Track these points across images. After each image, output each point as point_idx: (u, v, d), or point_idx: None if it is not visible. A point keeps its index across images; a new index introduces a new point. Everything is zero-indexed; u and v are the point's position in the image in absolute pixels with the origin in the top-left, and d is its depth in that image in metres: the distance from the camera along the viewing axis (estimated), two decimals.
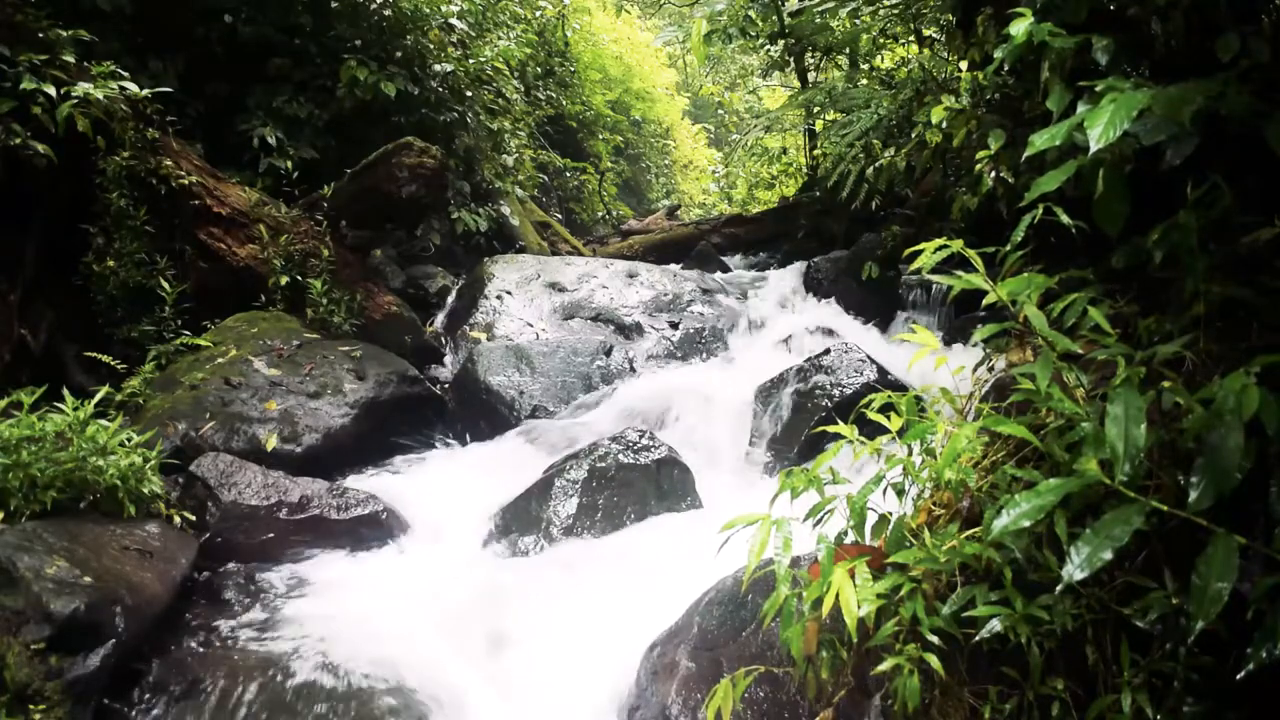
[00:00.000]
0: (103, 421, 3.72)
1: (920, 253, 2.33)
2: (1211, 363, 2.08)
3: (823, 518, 2.37)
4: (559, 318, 7.05)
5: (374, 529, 4.28)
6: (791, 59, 10.79)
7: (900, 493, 2.33)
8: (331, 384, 5.31)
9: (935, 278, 2.47)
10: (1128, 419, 1.77)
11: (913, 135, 6.12)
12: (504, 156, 9.54)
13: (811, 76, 11.14)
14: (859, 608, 2.02)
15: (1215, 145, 2.26)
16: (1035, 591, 1.95)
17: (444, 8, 8.48)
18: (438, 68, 8.31)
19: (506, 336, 6.71)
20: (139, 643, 3.09)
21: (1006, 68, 3.75)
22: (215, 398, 4.91)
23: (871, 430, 2.42)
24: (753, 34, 10.35)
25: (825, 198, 8.99)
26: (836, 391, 4.98)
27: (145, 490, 3.69)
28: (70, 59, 5.19)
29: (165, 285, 5.42)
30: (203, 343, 5.37)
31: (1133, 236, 2.40)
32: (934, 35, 8.39)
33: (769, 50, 11.03)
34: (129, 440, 3.77)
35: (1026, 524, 1.80)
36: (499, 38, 10.07)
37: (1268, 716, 1.74)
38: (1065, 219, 2.21)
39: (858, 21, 9.30)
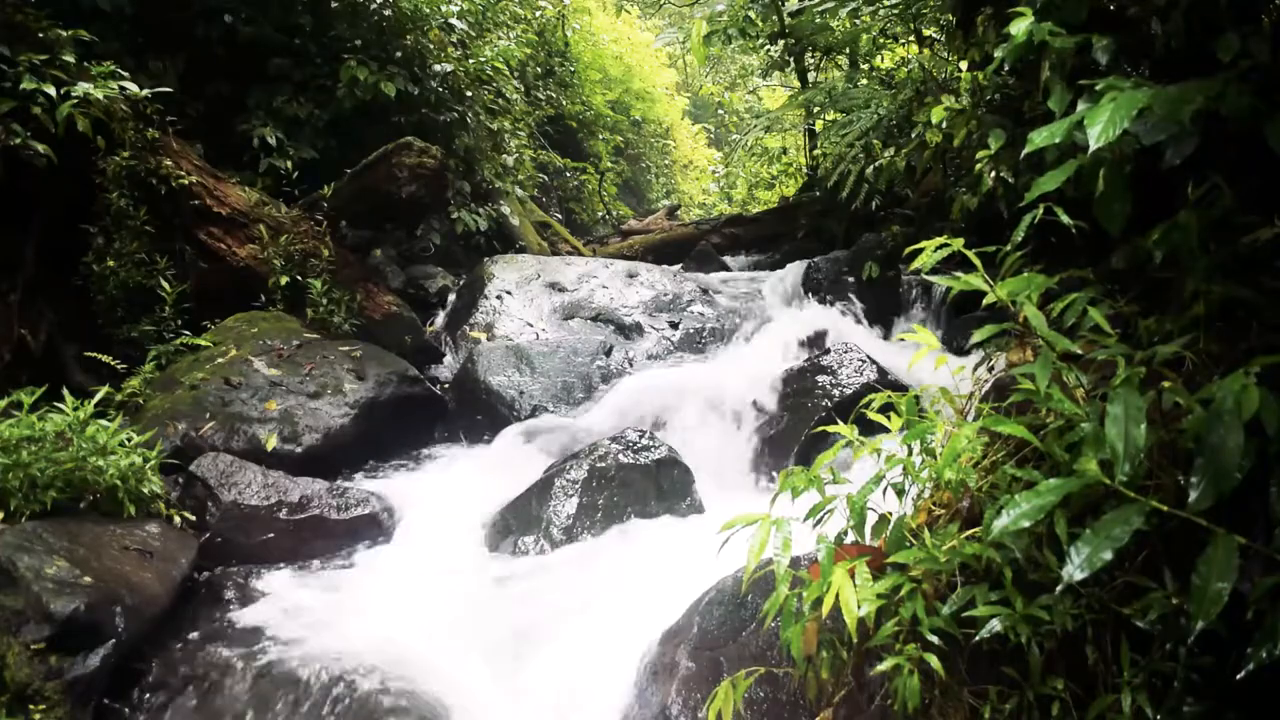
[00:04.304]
0: (103, 421, 3.72)
1: (920, 252, 2.33)
2: (1211, 363, 2.08)
3: (823, 518, 2.37)
4: (559, 318, 7.05)
5: (374, 529, 4.29)
6: (791, 59, 10.78)
7: (900, 493, 2.33)
8: (331, 384, 5.31)
9: (935, 278, 2.47)
10: (1128, 419, 1.77)
11: (913, 135, 6.12)
12: (504, 156, 9.54)
13: (811, 76, 11.13)
14: (859, 608, 2.02)
15: (1215, 145, 2.25)
16: (1035, 591, 1.95)
17: (444, 8, 8.48)
18: (438, 68, 8.30)
19: (506, 336, 6.71)
20: (139, 643, 3.09)
21: (1006, 68, 3.76)
22: (215, 398, 4.91)
23: (872, 430, 2.42)
24: (753, 34, 10.33)
25: (825, 198, 8.98)
26: (836, 391, 4.98)
27: (145, 490, 3.70)
28: (70, 59, 5.19)
29: (165, 285, 5.42)
30: (203, 343, 5.37)
31: (1133, 236, 2.40)
32: (934, 35, 8.38)
33: (769, 50, 11.01)
34: (129, 440, 3.77)
35: (1026, 524, 1.80)
36: (499, 38, 10.06)
37: (1268, 716, 1.74)
38: (1065, 219, 2.21)
39: (858, 21, 9.29)
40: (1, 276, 5.08)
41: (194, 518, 3.93)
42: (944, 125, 4.57)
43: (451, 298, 7.70)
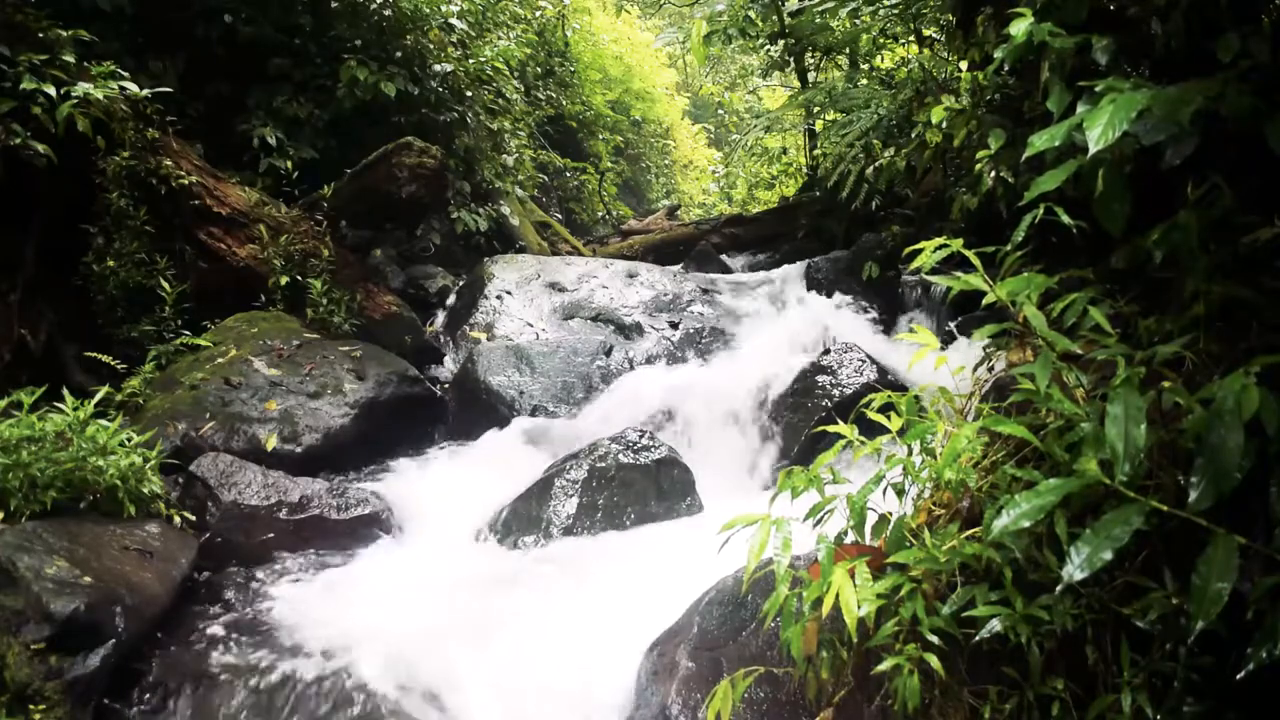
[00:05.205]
0: (103, 421, 3.72)
1: (920, 252, 2.33)
2: (1211, 363, 2.08)
3: (823, 518, 2.37)
4: (559, 318, 7.05)
5: (374, 529, 4.28)
6: (791, 59, 10.78)
7: (900, 493, 2.33)
8: (331, 384, 5.31)
9: (935, 278, 2.47)
10: (1128, 419, 1.77)
11: (913, 135, 6.12)
12: (504, 156, 9.54)
13: (811, 76, 11.13)
14: (859, 608, 2.02)
15: (1215, 145, 2.26)
16: (1035, 591, 1.95)
17: (444, 8, 8.47)
18: (438, 68, 8.30)
19: (506, 336, 6.71)
20: (139, 643, 3.09)
21: (1006, 68, 3.76)
22: (215, 398, 4.91)
23: (872, 430, 2.42)
24: (753, 34, 10.33)
25: (825, 198, 8.98)
26: (836, 391, 4.98)
27: (145, 490, 3.69)
28: (70, 59, 5.19)
29: (165, 285, 5.42)
30: (203, 343, 5.37)
31: (1133, 236, 2.40)
32: (934, 35, 8.38)
33: (769, 50, 11.02)
34: (129, 440, 3.77)
35: (1026, 524, 1.80)
36: (499, 38, 10.06)
37: (1268, 716, 1.74)
38: (1065, 219, 2.21)
39: (858, 21, 9.29)
40: (1, 276, 5.08)
41: (194, 518, 3.92)
42: (944, 125, 4.57)
43: (451, 298, 7.70)
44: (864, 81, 8.72)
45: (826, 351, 5.31)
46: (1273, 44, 2.31)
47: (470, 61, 8.82)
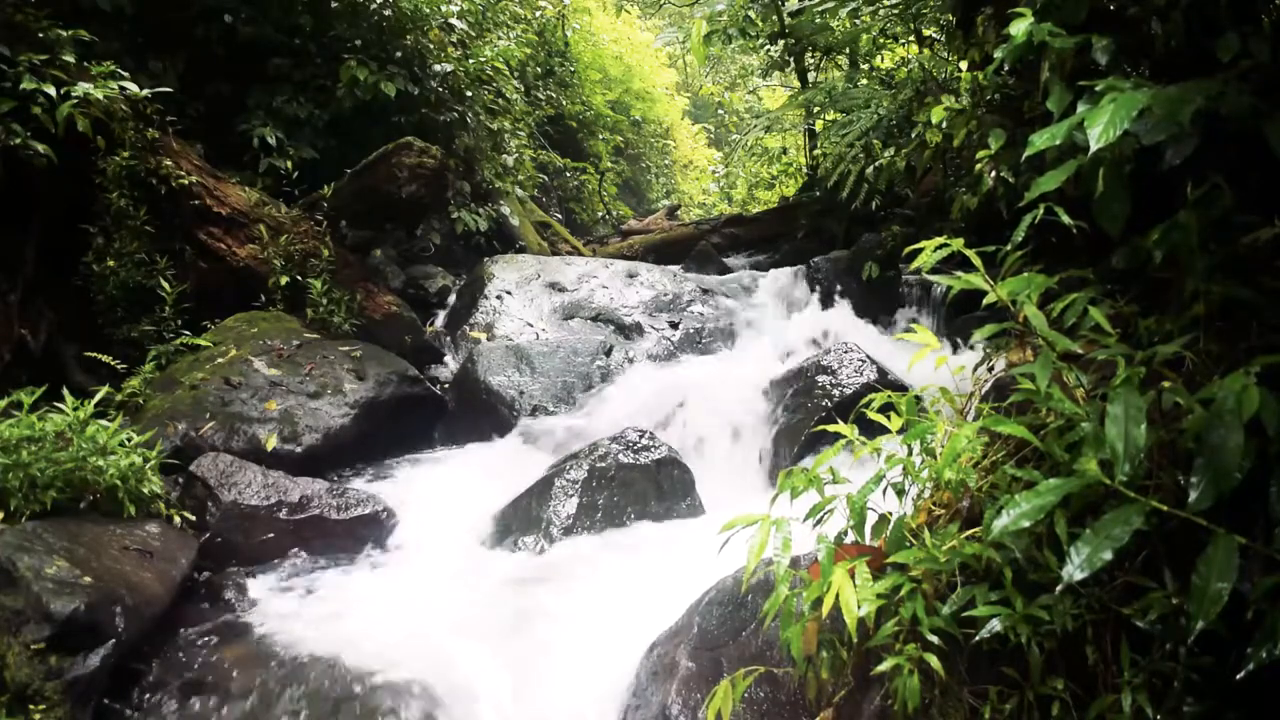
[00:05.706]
0: (103, 421, 3.73)
1: (920, 252, 2.33)
2: (1211, 363, 2.08)
3: (823, 518, 2.37)
4: (559, 318, 7.05)
5: (374, 529, 4.28)
6: (791, 59, 10.78)
7: (900, 493, 2.33)
8: (331, 384, 5.31)
9: (935, 278, 2.47)
10: (1128, 419, 1.77)
11: (913, 135, 6.12)
12: (504, 156, 9.53)
13: (811, 76, 11.13)
14: (859, 608, 2.02)
15: (1215, 145, 2.25)
16: (1035, 591, 1.95)
17: (444, 8, 8.47)
18: (438, 68, 8.30)
19: (506, 336, 6.71)
20: (139, 643, 3.09)
21: (1006, 68, 3.76)
22: (215, 398, 4.91)
23: (872, 430, 2.42)
24: (753, 34, 10.34)
25: (825, 198, 8.98)
26: (836, 391, 4.98)
27: (145, 490, 3.70)
28: (70, 59, 5.19)
29: (165, 285, 5.42)
30: (203, 343, 5.37)
31: (1133, 236, 2.40)
32: (934, 35, 8.39)
33: (769, 50, 11.02)
34: (129, 440, 3.77)
35: (1026, 524, 1.80)
36: (499, 38, 10.06)
37: (1268, 716, 1.74)
38: (1065, 219, 2.21)
39: (858, 21, 9.29)
40: (1, 276, 5.08)
41: (194, 518, 3.93)
42: (944, 125, 4.57)
43: (451, 298, 7.71)
44: (864, 81, 8.72)
45: (826, 351, 5.31)
46: (1273, 44, 2.31)
47: (470, 61, 8.81)
